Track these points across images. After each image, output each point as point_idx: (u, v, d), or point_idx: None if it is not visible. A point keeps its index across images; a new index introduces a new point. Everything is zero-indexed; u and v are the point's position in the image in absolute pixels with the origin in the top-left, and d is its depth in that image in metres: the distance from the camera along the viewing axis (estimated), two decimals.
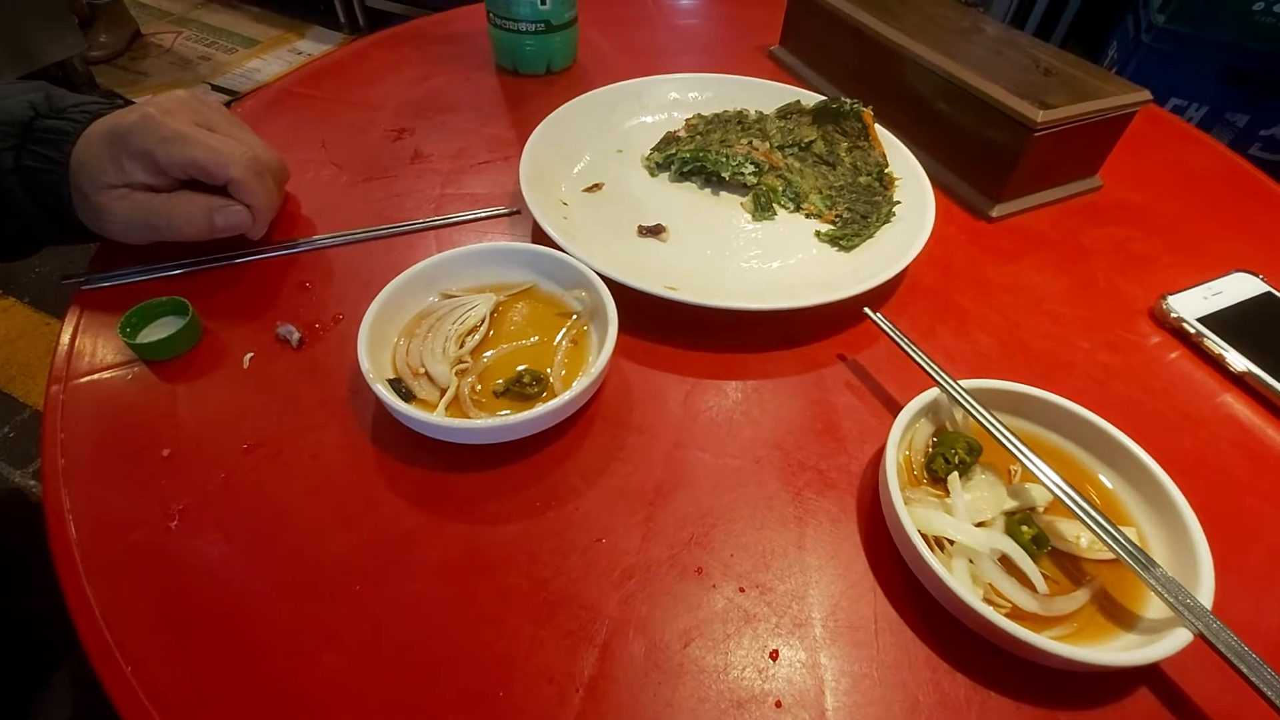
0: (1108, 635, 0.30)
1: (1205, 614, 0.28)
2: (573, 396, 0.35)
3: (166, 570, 0.32)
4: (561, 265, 0.42)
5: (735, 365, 0.42)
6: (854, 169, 0.55)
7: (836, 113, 0.57)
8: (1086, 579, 0.32)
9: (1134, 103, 0.52)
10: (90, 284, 0.44)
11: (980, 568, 0.31)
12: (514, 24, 0.64)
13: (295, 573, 0.32)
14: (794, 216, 0.53)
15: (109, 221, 0.41)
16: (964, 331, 0.46)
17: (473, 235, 0.50)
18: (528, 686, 0.29)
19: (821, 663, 0.30)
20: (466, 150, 0.58)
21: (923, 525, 0.31)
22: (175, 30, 2.35)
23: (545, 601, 0.31)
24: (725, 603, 0.32)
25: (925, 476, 0.35)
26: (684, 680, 0.29)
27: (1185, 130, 0.68)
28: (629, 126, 0.60)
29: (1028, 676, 0.29)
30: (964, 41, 0.58)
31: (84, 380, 0.39)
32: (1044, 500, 0.34)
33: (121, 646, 0.29)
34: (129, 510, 0.33)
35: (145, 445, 0.36)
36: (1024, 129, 0.50)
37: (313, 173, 0.55)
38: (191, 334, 0.41)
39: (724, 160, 0.53)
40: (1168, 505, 0.32)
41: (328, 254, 0.48)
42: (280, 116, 0.61)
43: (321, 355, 0.41)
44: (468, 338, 0.40)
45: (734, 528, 0.34)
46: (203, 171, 0.41)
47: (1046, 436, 0.37)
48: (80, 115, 0.42)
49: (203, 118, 0.43)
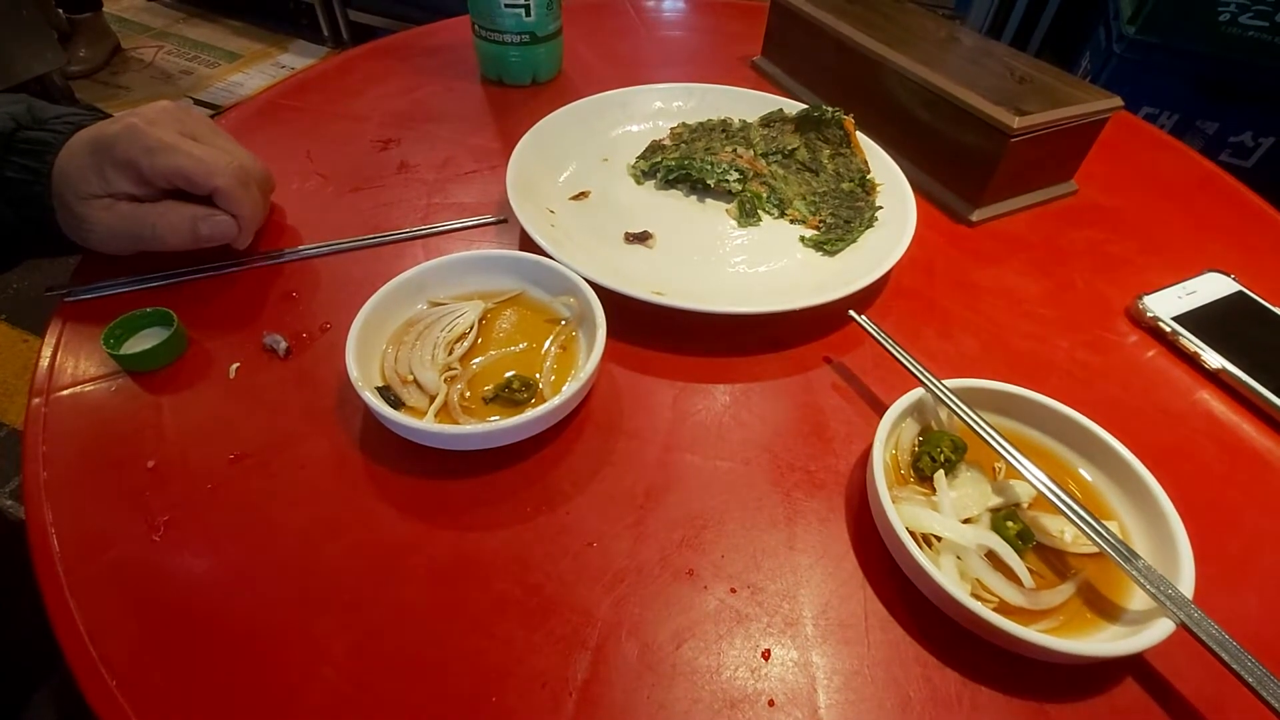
0: (1093, 627, 0.30)
1: (1186, 603, 0.28)
2: (562, 401, 0.35)
3: (152, 584, 0.31)
4: (549, 272, 0.42)
5: (723, 369, 0.43)
6: (837, 175, 0.56)
7: (819, 121, 0.58)
8: (1071, 572, 0.32)
9: (1107, 109, 0.54)
10: (73, 296, 0.43)
11: (967, 563, 0.31)
12: (499, 35, 0.65)
13: (284, 584, 0.31)
14: (778, 222, 0.54)
15: (92, 232, 0.41)
16: (947, 333, 0.46)
17: (460, 244, 0.51)
18: (520, 692, 0.28)
19: (813, 661, 0.30)
20: (453, 160, 0.58)
21: (910, 523, 0.32)
22: (156, 44, 2.34)
23: (537, 607, 0.31)
24: (717, 604, 0.32)
25: (912, 475, 0.36)
26: (677, 682, 0.29)
27: (1158, 136, 0.70)
28: (615, 135, 0.61)
29: (1016, 670, 0.30)
30: (942, 51, 0.59)
31: (66, 393, 0.38)
32: (1028, 496, 0.34)
33: (107, 662, 0.28)
34: (113, 524, 0.33)
35: (129, 457, 0.36)
36: (1001, 135, 0.51)
37: (299, 183, 0.55)
38: (176, 345, 0.40)
39: (709, 168, 0.54)
40: (1148, 499, 0.33)
41: (314, 264, 0.48)
42: (265, 128, 0.61)
43: (309, 364, 0.41)
44: (456, 345, 0.40)
45: (724, 529, 0.34)
46: (187, 181, 0.41)
47: (1029, 434, 0.37)
48: (63, 126, 0.41)
49: (187, 127, 0.43)
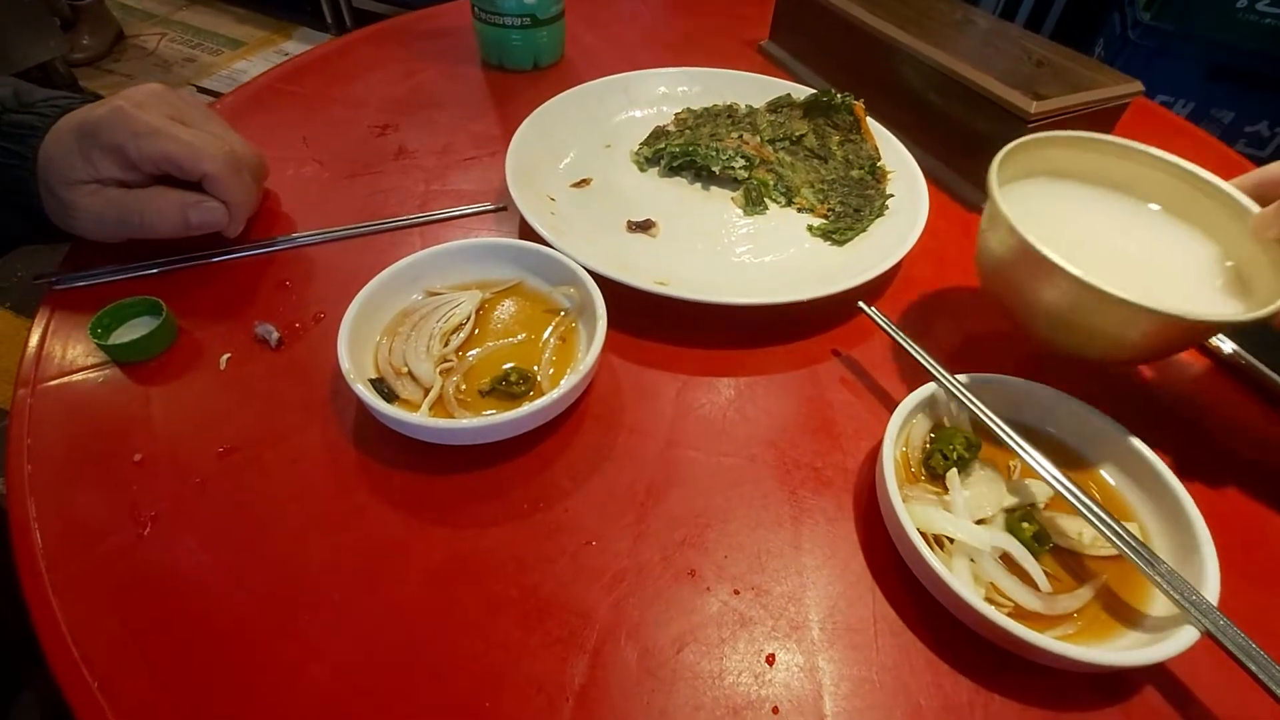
0: (1113, 633, 0.29)
1: (1212, 610, 0.27)
2: (560, 395, 0.34)
3: (138, 581, 0.30)
4: (549, 261, 0.41)
5: (728, 362, 0.41)
6: (846, 162, 0.54)
7: (828, 106, 0.56)
8: (1090, 576, 0.31)
9: (1127, 94, 0.52)
10: (62, 284, 0.42)
11: (981, 566, 0.30)
12: (499, 18, 0.63)
13: (274, 581, 0.30)
14: (786, 211, 0.52)
15: (79, 219, 0.40)
16: (960, 325, 0.45)
17: (458, 232, 0.49)
18: (516, 697, 0.27)
19: (820, 666, 0.29)
20: (452, 146, 0.57)
21: (922, 523, 0.31)
22: (159, 32, 2.32)
23: (534, 608, 0.30)
24: (720, 606, 0.31)
25: (923, 473, 0.34)
26: (678, 687, 0.28)
27: (1176, 123, 0.68)
28: (617, 121, 0.59)
29: (1032, 677, 0.28)
30: (956, 33, 0.57)
31: (53, 383, 0.38)
32: (1045, 496, 0.33)
33: (88, 661, 0.27)
34: (98, 518, 0.32)
35: (116, 450, 0.35)
36: (1017, 120, 0.49)
37: (293, 169, 0.53)
38: (166, 335, 0.39)
39: (714, 154, 0.52)
40: (1170, 499, 0.31)
41: (308, 252, 0.46)
42: (261, 112, 0.60)
43: (302, 355, 0.40)
44: (452, 336, 0.38)
45: (728, 528, 0.33)
46: (176, 166, 0.40)
47: (1046, 431, 0.36)
48: (49, 109, 0.40)
49: (176, 111, 0.42)
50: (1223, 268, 0.36)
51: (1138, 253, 0.38)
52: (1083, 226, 0.39)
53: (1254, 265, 0.35)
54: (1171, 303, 0.30)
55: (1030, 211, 0.34)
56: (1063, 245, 0.32)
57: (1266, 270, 0.34)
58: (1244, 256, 0.36)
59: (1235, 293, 0.35)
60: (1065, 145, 0.40)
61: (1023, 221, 0.33)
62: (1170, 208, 0.39)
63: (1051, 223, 0.36)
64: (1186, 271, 0.37)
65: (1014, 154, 0.38)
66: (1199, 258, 0.37)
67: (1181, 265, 0.37)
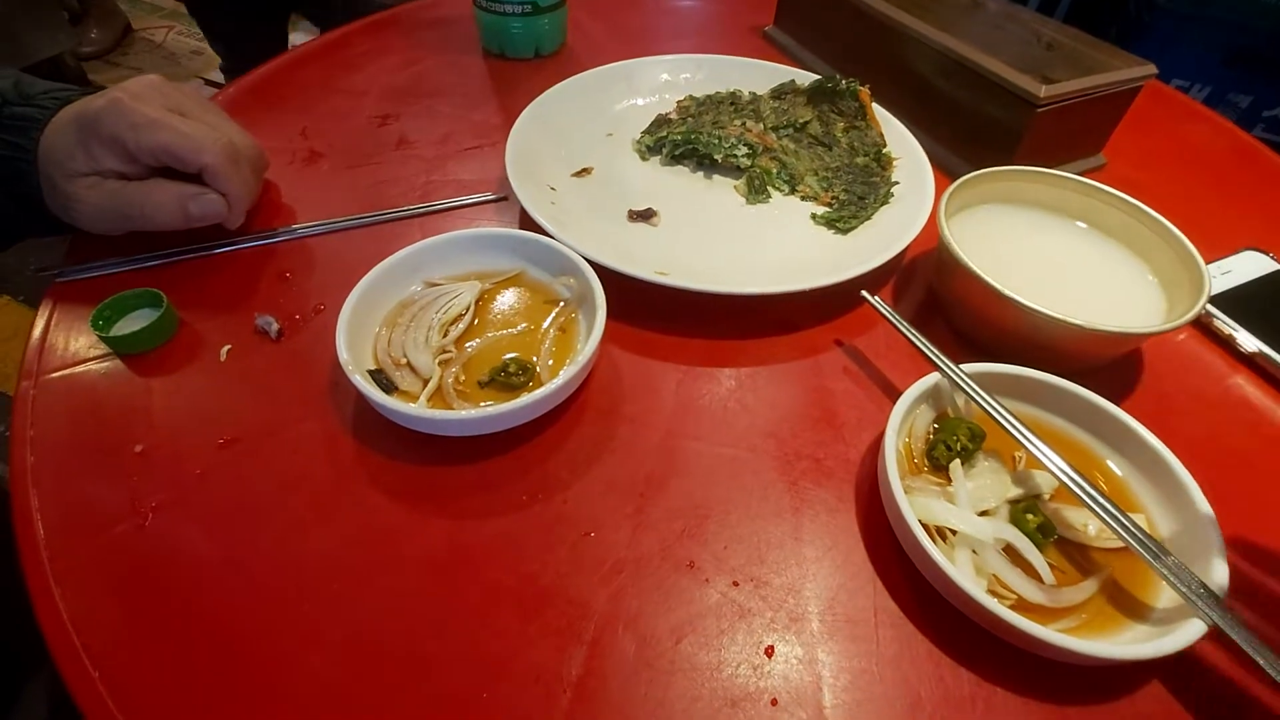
0: (1118, 627, 0.28)
1: (1219, 603, 0.26)
2: (559, 385, 0.34)
3: (138, 570, 0.30)
4: (549, 251, 0.41)
5: (729, 352, 0.41)
6: (851, 149, 0.54)
7: (832, 92, 0.55)
8: (1095, 568, 0.30)
9: (1139, 77, 0.50)
10: (64, 276, 0.43)
11: (984, 558, 0.30)
12: (500, 6, 0.63)
13: (274, 571, 0.31)
14: (789, 199, 0.51)
15: (79, 211, 0.40)
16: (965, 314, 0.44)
17: (459, 222, 0.49)
18: (514, 686, 0.27)
19: (819, 658, 0.29)
20: (453, 136, 0.57)
21: (924, 515, 0.30)
22: (166, 25, 2.33)
23: (532, 598, 0.30)
24: (719, 597, 0.30)
25: (926, 464, 0.34)
26: (676, 678, 0.28)
27: (1191, 107, 0.67)
28: (619, 109, 0.58)
29: (1035, 670, 0.28)
30: (964, 17, 0.56)
31: (55, 375, 0.38)
32: (1049, 487, 0.33)
33: (89, 651, 0.28)
34: (100, 509, 0.32)
35: (118, 441, 0.35)
36: (1026, 105, 0.48)
37: (294, 160, 0.53)
38: (166, 326, 0.39)
39: (716, 142, 0.52)
40: (1178, 491, 0.31)
41: (309, 243, 0.46)
42: (261, 104, 0.60)
43: (301, 347, 0.40)
44: (451, 327, 0.38)
45: (728, 519, 0.33)
46: (175, 158, 0.40)
47: (1051, 421, 0.35)
48: (49, 101, 0.40)
49: (175, 103, 0.42)
50: (1146, 280, 0.41)
51: (1070, 266, 0.43)
52: (1022, 245, 0.44)
53: (1172, 278, 0.40)
54: (1086, 316, 0.35)
55: (975, 234, 0.42)
56: (1000, 262, 0.37)
57: (1185, 283, 0.39)
58: (1163, 269, 0.41)
59: (1156, 304, 0.40)
60: (1007, 178, 0.45)
61: (961, 240, 0.39)
62: (1097, 226, 0.45)
63: (992, 242, 0.43)
64: (1115, 284, 0.42)
65: (961, 188, 0.43)
66: (1129, 271, 0.42)
67: (1111, 278, 0.42)
